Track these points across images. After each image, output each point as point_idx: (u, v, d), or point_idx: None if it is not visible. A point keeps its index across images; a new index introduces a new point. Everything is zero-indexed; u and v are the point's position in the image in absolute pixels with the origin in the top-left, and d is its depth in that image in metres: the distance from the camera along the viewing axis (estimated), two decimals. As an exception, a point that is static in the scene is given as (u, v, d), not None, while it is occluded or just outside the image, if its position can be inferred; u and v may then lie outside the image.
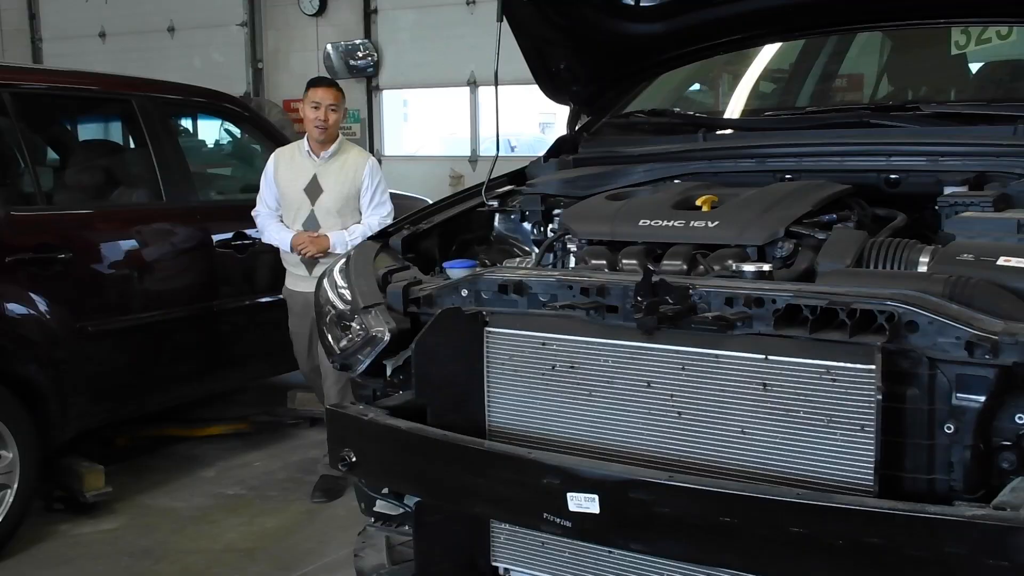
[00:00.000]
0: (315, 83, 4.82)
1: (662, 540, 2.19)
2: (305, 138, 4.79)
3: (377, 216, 4.71)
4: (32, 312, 4.25)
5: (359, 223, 4.74)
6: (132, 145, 5.43)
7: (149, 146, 5.04)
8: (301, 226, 4.71)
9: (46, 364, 4.29)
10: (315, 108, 4.69)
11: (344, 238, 4.66)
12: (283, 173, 4.79)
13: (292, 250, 4.72)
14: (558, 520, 2.27)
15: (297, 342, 4.92)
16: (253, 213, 4.91)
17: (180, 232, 5.07)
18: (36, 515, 4.44)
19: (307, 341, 4.81)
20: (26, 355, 4.22)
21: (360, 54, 10.82)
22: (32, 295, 4.26)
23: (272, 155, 4.87)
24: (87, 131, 6.19)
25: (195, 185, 5.33)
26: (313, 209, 4.71)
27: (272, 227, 4.85)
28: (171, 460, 5.33)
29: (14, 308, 4.19)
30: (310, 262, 4.71)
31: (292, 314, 4.88)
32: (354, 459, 2.65)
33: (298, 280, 4.81)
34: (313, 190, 4.71)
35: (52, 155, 5.49)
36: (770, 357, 2.19)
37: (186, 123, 7.60)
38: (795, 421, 2.17)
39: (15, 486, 4.10)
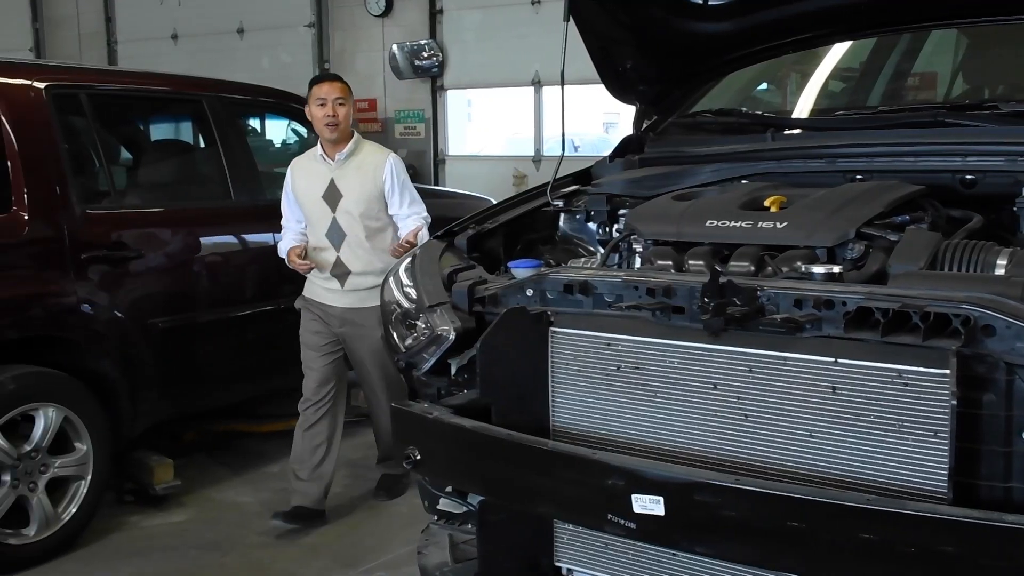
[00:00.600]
0: (317, 80, 4.50)
1: (727, 544, 2.17)
2: (318, 143, 4.43)
3: (417, 217, 4.38)
4: (105, 308, 4.34)
5: (385, 224, 4.42)
6: (202, 145, 5.52)
7: (218, 145, 5.12)
8: (324, 236, 4.34)
9: (118, 359, 4.39)
10: (321, 105, 4.30)
11: (423, 226, 4.35)
12: (300, 184, 4.42)
13: (289, 262, 4.36)
14: (622, 521, 2.26)
15: (308, 349, 4.50)
16: (283, 222, 4.56)
17: (247, 231, 5.13)
18: (108, 507, 4.54)
19: (317, 350, 4.46)
20: (99, 350, 4.32)
21: (425, 54, 10.87)
22: (105, 291, 4.36)
23: (289, 167, 4.52)
24: (159, 131, 6.30)
25: (262, 184, 5.39)
26: (335, 216, 4.33)
27: (283, 241, 4.50)
28: (237, 455, 5.41)
29: (88, 304, 4.29)
30: (342, 275, 4.36)
31: (307, 321, 4.48)
32: (418, 457, 2.66)
33: (325, 293, 4.42)
34: (332, 196, 4.33)
35: (125, 155, 5.61)
36: (840, 360, 2.16)
37: (254, 123, 7.70)
38: (865, 425, 2.13)
39: (88, 477, 4.20)
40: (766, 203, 2.74)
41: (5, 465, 3.91)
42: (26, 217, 4.08)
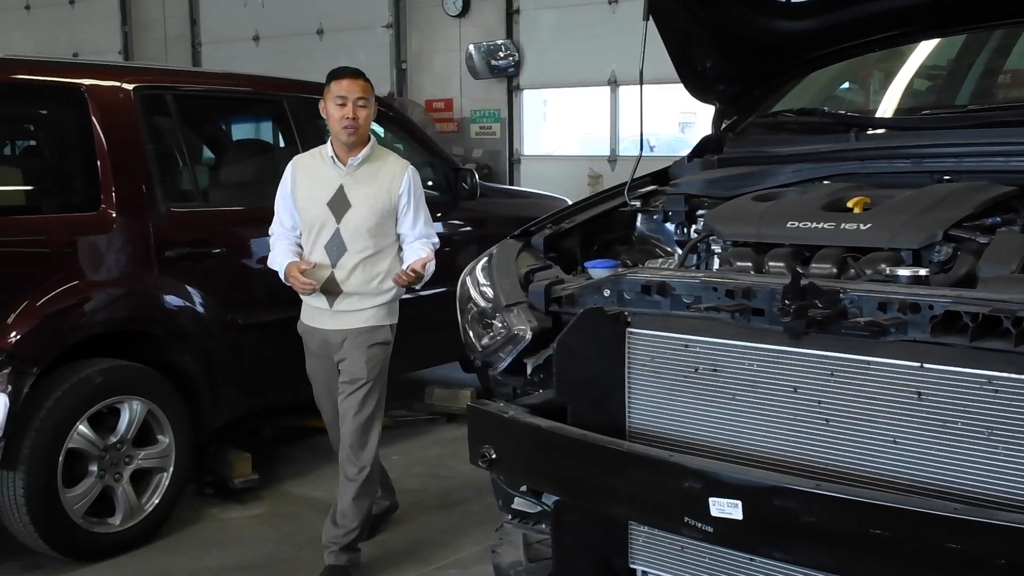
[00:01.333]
0: (338, 74, 3.86)
1: (807, 550, 2.14)
2: (328, 142, 3.86)
3: (426, 243, 3.86)
4: (188, 305, 4.43)
5: (393, 241, 3.88)
6: (282, 144, 5.60)
7: (298, 145, 5.17)
8: (323, 248, 3.77)
9: (200, 355, 4.48)
10: (341, 105, 3.74)
11: (431, 253, 3.81)
12: (302, 185, 3.85)
13: (286, 279, 3.82)
14: (699, 525, 2.24)
15: (317, 386, 4.03)
16: (270, 231, 4.02)
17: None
18: (188, 499, 4.63)
19: (326, 385, 3.98)
20: (182, 346, 4.41)
21: (502, 54, 10.90)
22: (188, 288, 4.45)
23: (289, 164, 3.96)
24: (240, 131, 6.40)
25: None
26: (339, 228, 3.75)
27: (276, 249, 3.94)
28: (313, 451, 5.47)
29: (171, 300, 4.38)
30: (331, 294, 3.80)
31: (309, 354, 3.98)
32: (494, 456, 2.67)
33: (315, 314, 3.88)
34: (339, 205, 3.76)
35: (208, 154, 5.72)
36: (926, 365, 2.11)
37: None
38: (952, 432, 2.08)
39: (170, 470, 4.29)
40: (849, 204, 2.70)
41: (92, 456, 4.02)
42: (114, 215, 4.19)
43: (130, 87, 4.44)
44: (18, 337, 3.77)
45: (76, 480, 3.99)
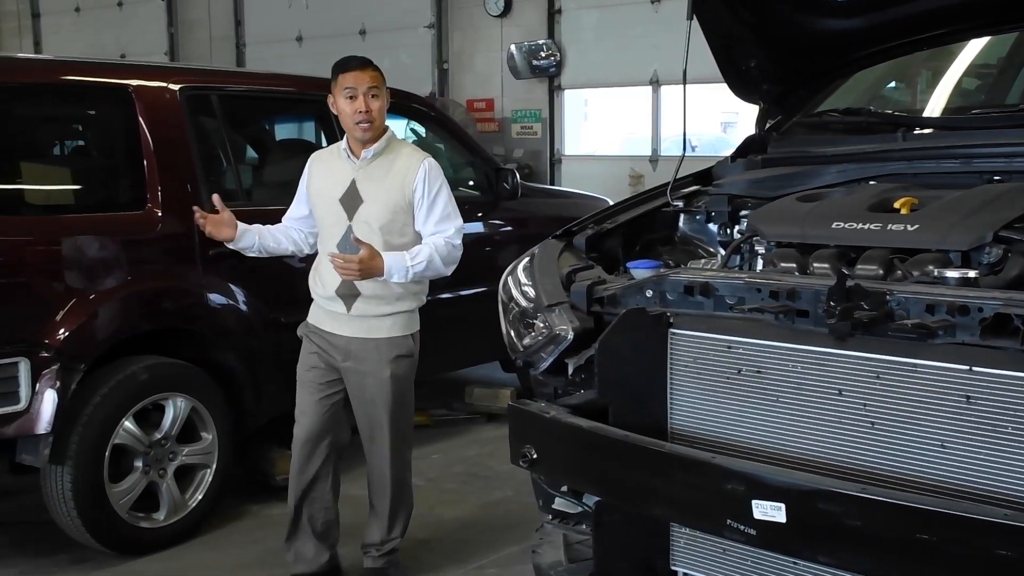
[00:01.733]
0: (344, 66, 3.56)
1: (852, 554, 2.11)
2: (344, 137, 3.67)
3: (442, 235, 3.57)
4: (231, 303, 4.47)
5: (411, 241, 3.59)
6: (324, 144, 5.63)
7: (341, 145, 5.21)
8: (335, 247, 3.54)
9: (243, 352, 4.52)
10: (351, 98, 3.49)
11: (405, 263, 3.47)
12: (316, 180, 3.69)
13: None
14: (742, 527, 2.23)
15: (307, 391, 3.71)
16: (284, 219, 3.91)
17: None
18: (231, 495, 4.67)
19: (318, 390, 3.68)
20: (225, 343, 4.45)
21: (543, 54, 10.90)
22: (231, 287, 4.48)
23: (308, 160, 3.81)
24: (283, 130, 6.45)
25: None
26: (351, 225, 3.53)
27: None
28: (354, 449, 5.47)
29: (215, 299, 4.42)
30: (349, 296, 3.55)
31: (307, 353, 3.72)
32: (535, 456, 2.67)
33: (329, 318, 3.63)
34: (351, 200, 3.56)
35: (251, 153, 5.77)
36: (975, 368, 2.09)
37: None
38: (1002, 437, 2.05)
39: (214, 466, 4.33)
40: (896, 205, 2.67)
41: (137, 452, 4.07)
42: (159, 214, 4.23)
43: (176, 87, 4.49)
44: (66, 334, 3.82)
45: (122, 476, 4.04)
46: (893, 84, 4.12)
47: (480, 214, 5.89)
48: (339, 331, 3.61)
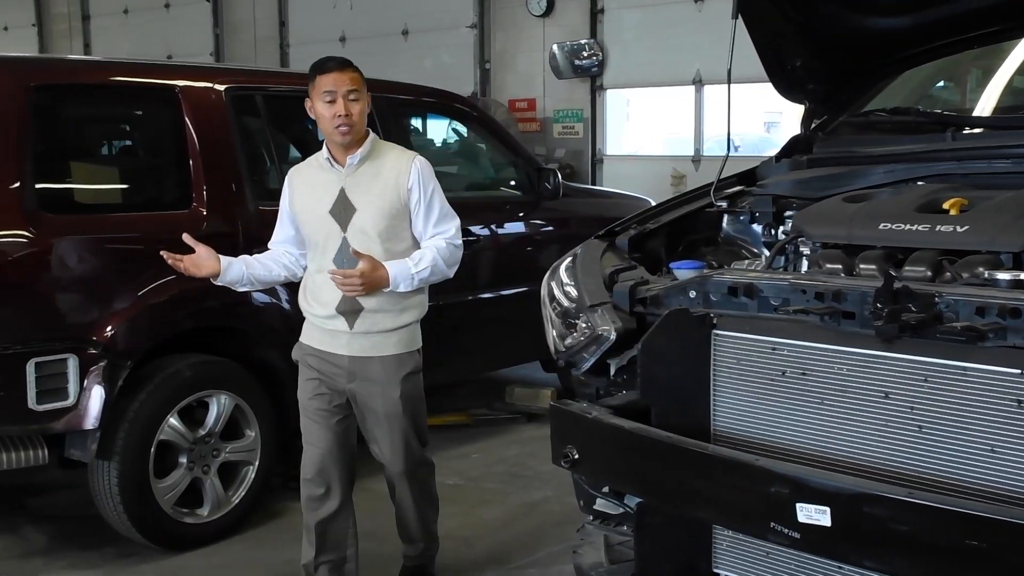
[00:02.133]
0: (323, 66, 3.33)
1: (898, 559, 2.09)
2: (324, 146, 3.42)
3: (443, 236, 3.40)
4: (273, 301, 4.50)
5: (410, 246, 3.41)
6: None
7: (383, 145, 5.23)
8: (332, 262, 3.32)
9: (286, 350, 4.53)
10: (330, 102, 3.27)
11: (409, 270, 3.29)
12: (300, 196, 3.44)
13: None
14: (786, 530, 2.21)
15: (311, 416, 3.46)
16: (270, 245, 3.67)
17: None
18: (273, 492, 4.71)
19: (326, 418, 3.44)
20: (268, 341, 4.48)
21: (585, 53, 10.88)
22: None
23: (287, 177, 3.56)
24: (326, 131, 6.48)
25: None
26: (346, 236, 3.32)
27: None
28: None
29: (257, 297, 4.44)
30: (351, 313, 3.32)
31: (307, 380, 3.47)
32: (576, 456, 2.67)
33: (328, 337, 3.39)
34: (343, 210, 3.32)
35: (295, 153, 5.81)
36: (1027, 372, 2.04)
37: (416, 122, 7.85)
38: (1053, 442, 2.01)
39: (256, 463, 4.36)
40: (945, 206, 2.63)
41: (182, 448, 4.11)
42: (204, 213, 4.27)
43: (221, 88, 4.53)
44: (113, 332, 3.87)
45: (166, 471, 4.08)
46: (942, 83, 4.06)
47: (521, 214, 5.89)
48: (341, 351, 3.36)
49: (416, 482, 3.57)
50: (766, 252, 3.10)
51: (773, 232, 3.15)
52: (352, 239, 3.31)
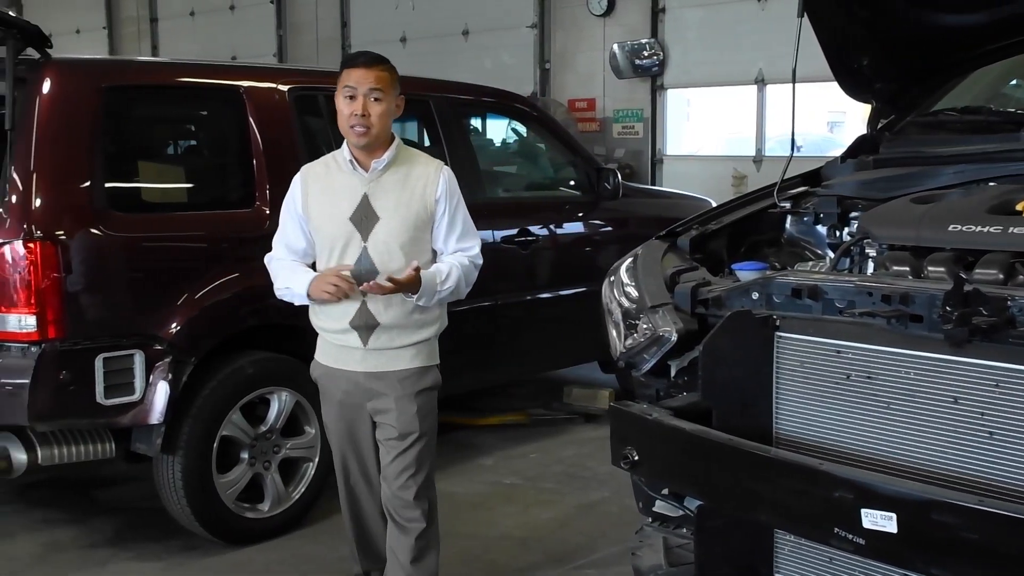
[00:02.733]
0: (349, 62, 3.15)
1: (967, 568, 2.05)
2: (344, 146, 3.19)
3: (465, 254, 3.22)
4: (335, 299, 4.54)
5: (429, 260, 3.20)
6: (427, 143, 5.69)
7: (443, 144, 5.25)
8: (349, 273, 3.10)
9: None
10: (350, 98, 3.07)
11: (435, 286, 3.10)
12: (316, 199, 3.19)
13: (310, 296, 3.15)
14: (850, 536, 2.18)
15: (339, 440, 3.34)
16: (266, 259, 3.39)
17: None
18: (332, 489, 4.73)
19: (351, 439, 3.31)
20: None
21: (646, 53, 10.83)
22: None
23: (296, 176, 3.31)
24: (387, 130, 6.52)
25: (483, 183, 5.50)
26: (366, 246, 3.10)
27: (283, 270, 3.27)
28: (452, 446, 5.55)
29: (320, 295, 4.49)
30: (365, 328, 3.13)
31: (328, 402, 3.33)
32: (636, 458, 2.65)
33: (342, 354, 3.21)
34: (364, 218, 3.11)
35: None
36: (1103, 379, 1.99)
37: (476, 122, 7.88)
38: None
39: (316, 460, 4.40)
40: (1018, 207, 2.58)
41: (244, 444, 4.17)
42: (267, 212, 4.32)
43: (285, 88, 4.58)
44: (178, 328, 3.93)
45: (229, 467, 4.14)
46: (1014, 82, 3.97)
47: (581, 214, 5.88)
48: (354, 367, 3.18)
49: (421, 508, 3.24)
50: (830, 254, 3.06)
51: (838, 233, 3.11)
52: (373, 250, 3.10)
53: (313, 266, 3.26)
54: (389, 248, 3.10)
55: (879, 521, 2.11)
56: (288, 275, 3.22)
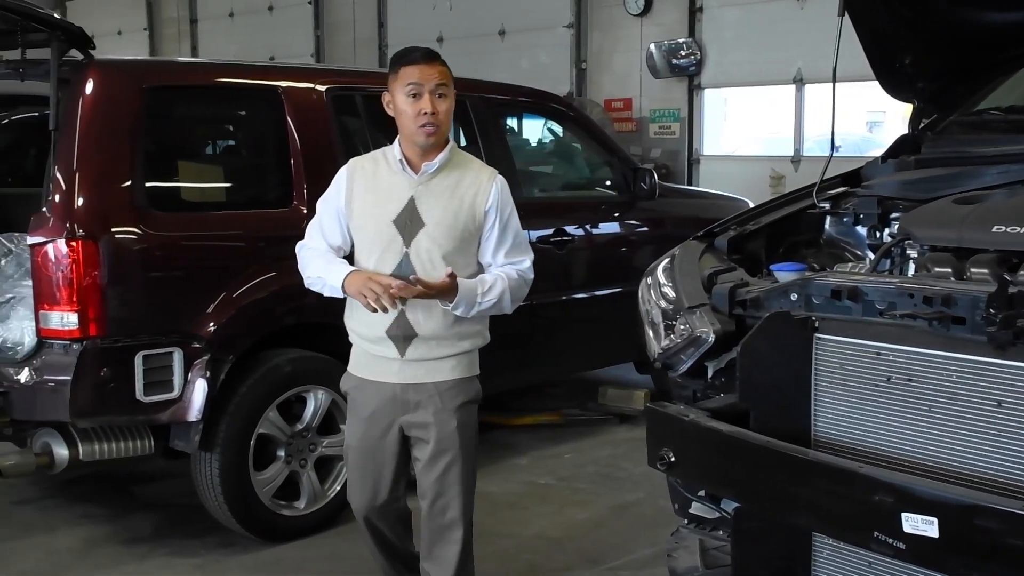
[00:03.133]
0: (408, 57, 2.94)
1: (1011, 574, 2.01)
2: (396, 143, 3.01)
3: (516, 268, 3.03)
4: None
5: (474, 274, 3.01)
6: (463, 143, 5.69)
7: (479, 144, 5.25)
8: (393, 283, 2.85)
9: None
10: (414, 96, 2.89)
11: (475, 297, 2.92)
12: (361, 196, 3.01)
13: (345, 291, 2.94)
14: (890, 541, 2.15)
15: (361, 458, 3.12)
16: (297, 247, 3.21)
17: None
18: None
19: (374, 458, 3.08)
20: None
21: (683, 53, 10.79)
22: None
23: (343, 168, 3.12)
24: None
25: (519, 183, 5.49)
26: (407, 252, 2.93)
27: (317, 259, 3.07)
28: (487, 446, 5.54)
29: (357, 294, 4.51)
30: (402, 338, 2.95)
31: (356, 417, 3.11)
32: (672, 459, 2.64)
33: (377, 364, 3.03)
34: (409, 222, 2.93)
35: (394, 152, 5.87)
36: None
37: (512, 122, 7.88)
38: None
39: (352, 458, 4.43)
40: (1064, 208, 2.53)
41: (280, 442, 4.19)
42: (305, 211, 4.33)
43: (322, 88, 4.60)
44: (216, 326, 3.97)
45: (265, 464, 4.17)
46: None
47: (617, 214, 5.86)
48: (390, 379, 3.00)
49: (464, 530, 3.09)
50: (870, 255, 3.03)
51: (878, 234, 3.08)
52: (414, 257, 2.92)
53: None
54: (432, 257, 2.92)
55: (920, 525, 2.09)
56: (323, 265, 3.02)
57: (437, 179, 2.97)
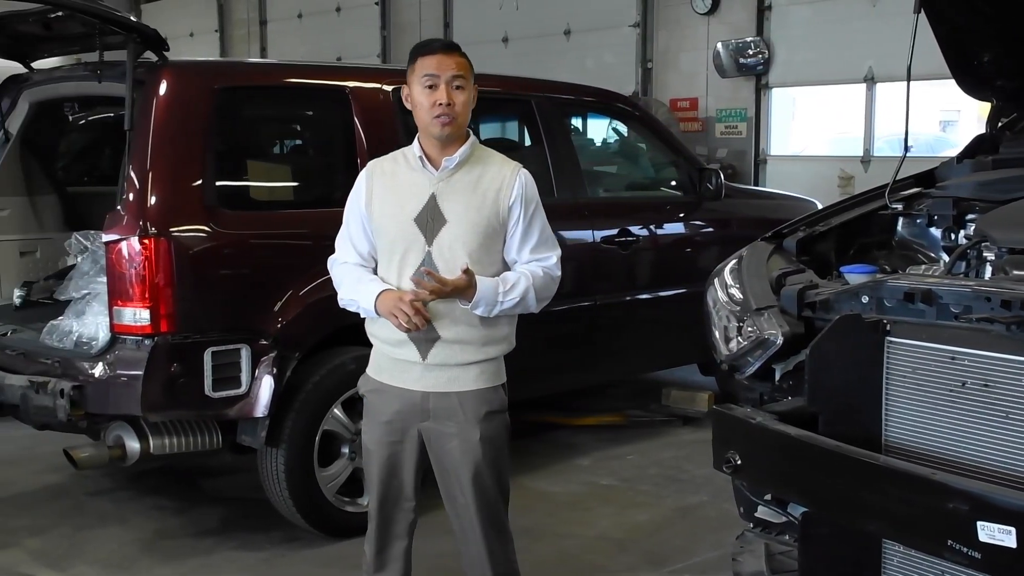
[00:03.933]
0: (425, 48, 2.86)
1: (1091, 588, 1.95)
2: (415, 141, 2.92)
3: (541, 265, 2.90)
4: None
5: (499, 271, 2.89)
6: (528, 143, 5.69)
7: (544, 144, 5.25)
8: (410, 280, 2.79)
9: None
10: (430, 87, 2.79)
11: (496, 295, 2.80)
12: (380, 197, 2.91)
13: (378, 313, 2.83)
14: (965, 549, 2.10)
15: (377, 466, 2.99)
16: (329, 262, 3.11)
17: (569, 228, 5.21)
18: (427, 486, 4.74)
19: (390, 466, 2.98)
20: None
21: (750, 51, 10.68)
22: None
23: (363, 171, 3.02)
24: (488, 130, 6.55)
25: (584, 182, 5.48)
26: (430, 251, 2.81)
27: (350, 275, 2.97)
28: (550, 446, 5.54)
29: (420, 292, 4.53)
30: (425, 341, 2.82)
31: (373, 422, 2.98)
32: (738, 462, 2.61)
33: (398, 369, 2.90)
34: (431, 220, 2.83)
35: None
36: None
37: (577, 122, 7.86)
38: None
39: (415, 456, 4.45)
40: None
41: (344, 439, 4.23)
42: (371, 210, 4.39)
43: (389, 88, 4.63)
44: (283, 324, 4.01)
45: (330, 461, 4.21)
46: None
47: (682, 214, 5.82)
48: (412, 385, 2.88)
49: (494, 548, 3.00)
50: (945, 257, 2.97)
51: (953, 236, 3.02)
52: (437, 256, 2.81)
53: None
54: (455, 255, 2.80)
55: (997, 535, 2.04)
56: (354, 285, 2.93)
57: (459, 175, 2.86)
